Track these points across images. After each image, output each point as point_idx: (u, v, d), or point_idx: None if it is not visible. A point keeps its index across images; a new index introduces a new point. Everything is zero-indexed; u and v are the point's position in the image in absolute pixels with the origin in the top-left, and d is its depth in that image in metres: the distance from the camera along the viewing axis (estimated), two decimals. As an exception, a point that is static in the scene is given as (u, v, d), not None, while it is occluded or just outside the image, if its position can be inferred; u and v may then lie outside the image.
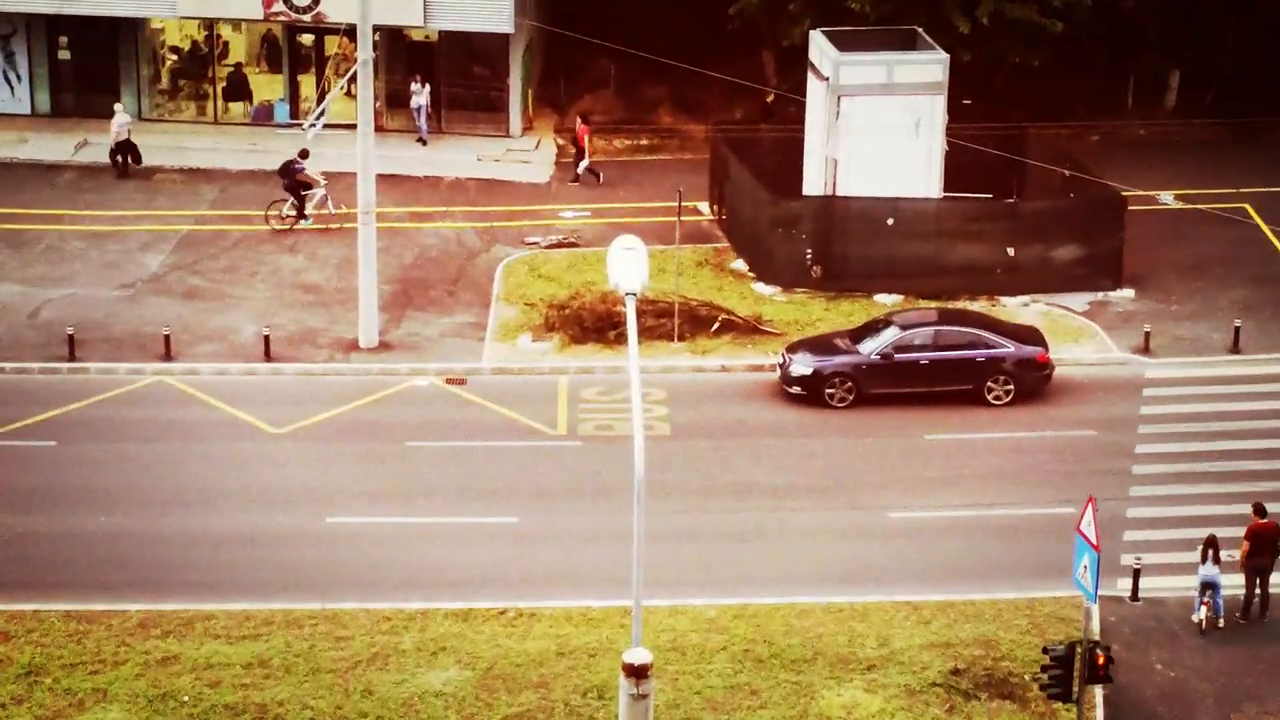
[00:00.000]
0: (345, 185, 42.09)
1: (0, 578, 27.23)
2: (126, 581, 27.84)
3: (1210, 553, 26.70)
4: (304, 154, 42.25)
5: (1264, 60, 51.81)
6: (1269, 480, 31.51)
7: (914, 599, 28.23)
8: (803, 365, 34.91)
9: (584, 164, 47.59)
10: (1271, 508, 27.91)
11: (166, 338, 35.64)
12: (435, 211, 45.49)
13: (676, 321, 37.71)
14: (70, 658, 24.68)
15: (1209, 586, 26.92)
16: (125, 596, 27.52)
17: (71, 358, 35.27)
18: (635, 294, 17.30)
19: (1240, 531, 27.10)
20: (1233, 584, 27.25)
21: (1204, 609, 27.12)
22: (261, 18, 48.05)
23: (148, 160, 47.08)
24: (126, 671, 24.96)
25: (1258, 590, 27.28)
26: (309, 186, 43.28)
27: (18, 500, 30.27)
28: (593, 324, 37.52)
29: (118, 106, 47.37)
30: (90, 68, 50.89)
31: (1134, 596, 27.91)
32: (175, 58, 51.17)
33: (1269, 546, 27.04)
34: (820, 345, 36.00)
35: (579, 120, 48.32)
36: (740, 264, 41.98)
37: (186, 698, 24.93)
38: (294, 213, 42.96)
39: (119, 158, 46.59)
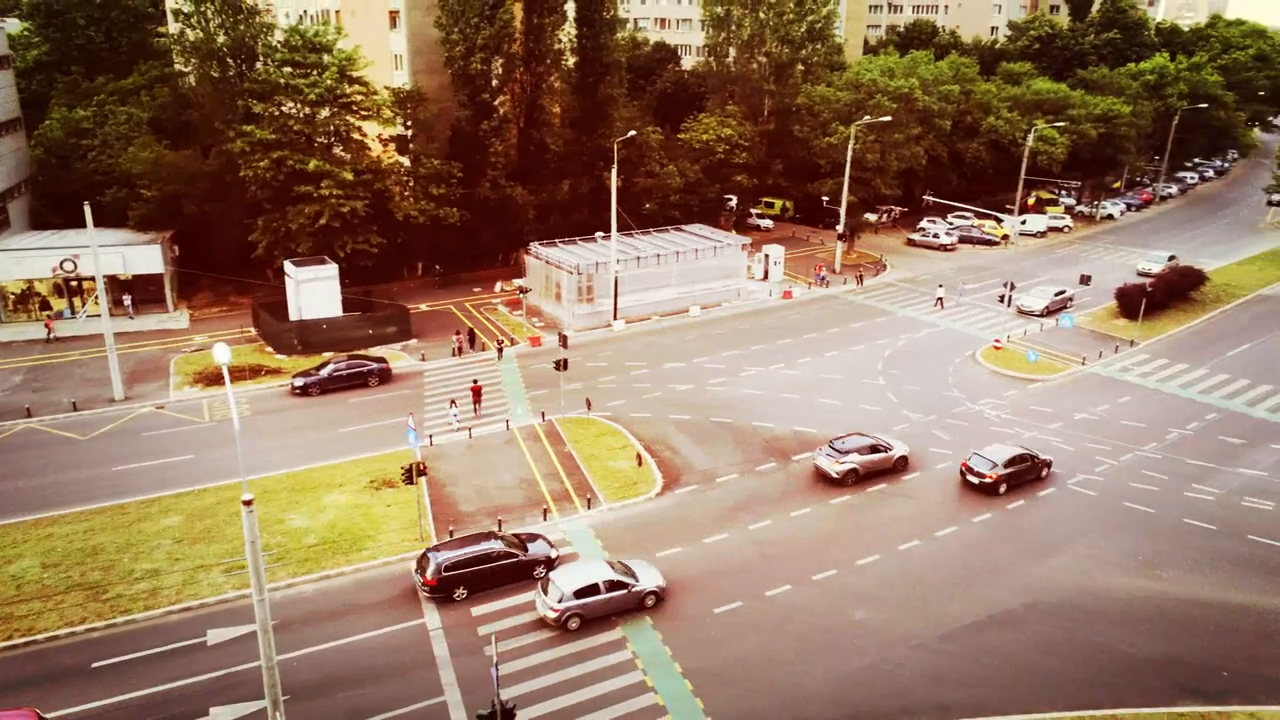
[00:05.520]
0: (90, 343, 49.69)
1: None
2: None
3: (451, 403, 42.45)
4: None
5: (461, 254, 66.86)
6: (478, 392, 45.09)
7: (355, 459, 39.73)
8: (299, 381, 47.02)
9: None
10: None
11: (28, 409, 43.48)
12: (143, 344, 54.37)
13: (248, 371, 48.93)
14: None
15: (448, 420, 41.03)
16: None
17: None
18: (226, 363, 22.49)
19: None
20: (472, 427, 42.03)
21: (454, 426, 41.38)
22: (51, 275, 56.23)
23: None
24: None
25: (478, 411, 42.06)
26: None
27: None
28: (214, 377, 47.56)
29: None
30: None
31: (430, 444, 40.53)
32: (14, 295, 56.97)
33: (477, 396, 43.38)
34: (306, 373, 47.49)
35: None
36: (270, 348, 52.81)
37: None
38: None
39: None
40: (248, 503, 20.81)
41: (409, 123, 64.41)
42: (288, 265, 54.83)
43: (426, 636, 28.61)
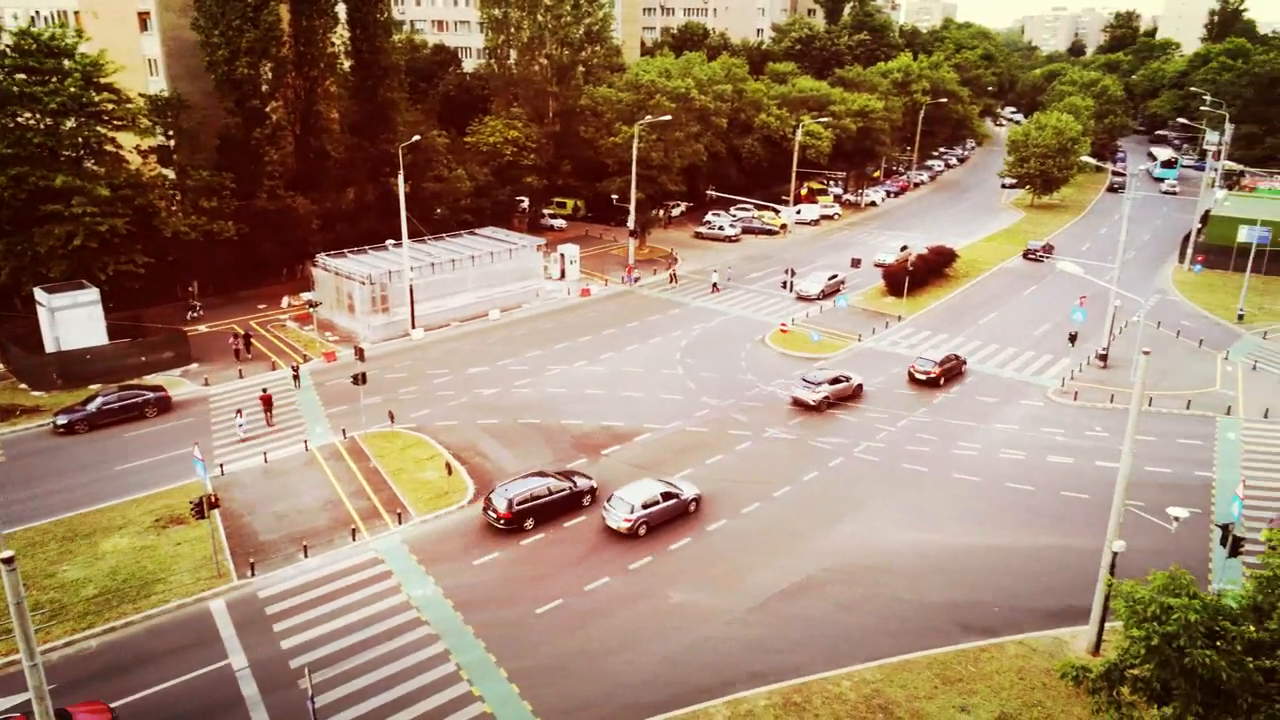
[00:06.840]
0: None
1: None
2: None
3: (237, 413, 40.94)
4: None
5: (241, 270, 63.57)
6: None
7: (137, 497, 36.22)
8: (63, 419, 42.72)
9: None
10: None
11: None
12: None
13: (-9, 413, 43.66)
14: None
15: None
16: None
17: None
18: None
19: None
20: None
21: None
22: None
23: None
24: None
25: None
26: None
27: None
28: (-32, 419, 42.11)
29: None
30: None
31: (222, 474, 37.88)
32: None
33: (268, 405, 41.76)
34: (71, 409, 43.37)
35: None
36: (24, 385, 48.67)
37: None
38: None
39: None
40: (8, 560, 18.83)
41: (170, 132, 60.58)
42: (39, 293, 50.59)
43: (233, 677, 26.92)
